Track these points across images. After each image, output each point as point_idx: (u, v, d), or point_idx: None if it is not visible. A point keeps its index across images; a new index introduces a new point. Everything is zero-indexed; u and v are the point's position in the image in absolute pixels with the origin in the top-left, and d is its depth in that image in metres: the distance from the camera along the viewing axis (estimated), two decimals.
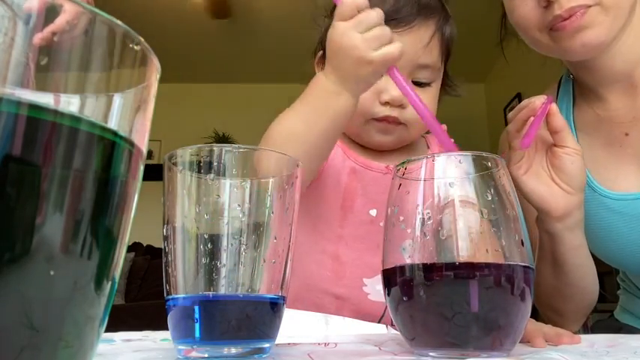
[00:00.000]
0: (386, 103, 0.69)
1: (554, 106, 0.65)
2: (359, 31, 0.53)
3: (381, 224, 0.66)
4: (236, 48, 4.09)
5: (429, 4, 0.70)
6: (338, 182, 0.72)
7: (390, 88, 0.68)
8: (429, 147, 0.81)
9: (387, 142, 0.73)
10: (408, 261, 0.39)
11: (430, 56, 0.70)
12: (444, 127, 0.55)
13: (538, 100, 0.65)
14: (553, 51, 0.73)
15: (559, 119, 0.65)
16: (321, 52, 0.78)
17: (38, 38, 0.16)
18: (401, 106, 0.69)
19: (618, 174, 0.77)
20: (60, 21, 0.16)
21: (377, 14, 0.54)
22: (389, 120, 0.70)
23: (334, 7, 0.73)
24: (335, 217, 0.72)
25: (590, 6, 0.66)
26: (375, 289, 0.71)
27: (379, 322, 0.70)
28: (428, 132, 0.80)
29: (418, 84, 0.70)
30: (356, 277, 0.71)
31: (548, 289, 0.73)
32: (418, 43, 0.69)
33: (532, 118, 0.64)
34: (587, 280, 0.72)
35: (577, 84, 0.85)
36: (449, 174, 0.40)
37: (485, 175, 0.40)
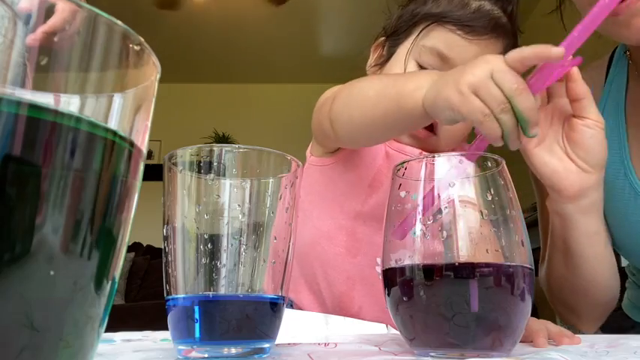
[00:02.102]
0: None
1: (575, 71, 0.55)
2: (491, 77, 0.46)
3: (406, 206, 0.66)
4: (235, 48, 4.09)
5: (504, 26, 0.71)
6: (373, 161, 0.72)
7: None
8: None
9: (415, 147, 0.72)
10: (408, 261, 0.39)
11: None
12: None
13: (555, 51, 0.49)
14: (608, 30, 0.63)
15: (581, 85, 0.56)
16: (383, 39, 0.78)
17: (31, 39, 0.16)
18: None
19: None
20: (53, 21, 0.16)
21: (524, 98, 0.45)
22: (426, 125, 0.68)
23: (412, 6, 0.73)
24: (360, 194, 0.71)
25: None
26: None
27: None
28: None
29: None
30: (370, 255, 0.70)
31: (559, 281, 0.67)
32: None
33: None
34: (603, 274, 0.64)
35: (633, 64, 0.73)
36: (449, 174, 0.40)
37: (485, 175, 0.40)
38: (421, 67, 0.70)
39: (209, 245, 0.39)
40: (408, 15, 0.74)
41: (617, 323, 0.85)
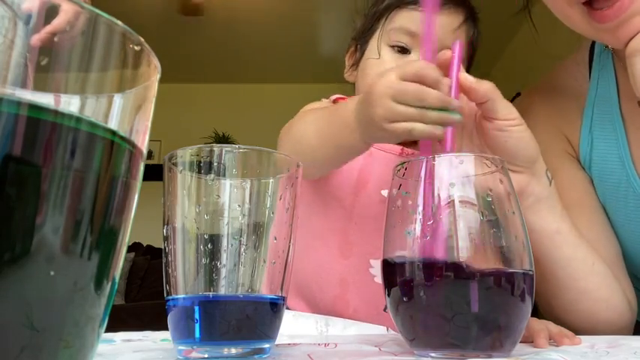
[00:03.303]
0: None
1: (463, 78, 0.50)
2: (394, 99, 0.48)
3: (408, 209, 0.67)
4: (236, 48, 4.09)
5: None
6: (354, 162, 0.71)
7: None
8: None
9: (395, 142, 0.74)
10: (408, 260, 0.39)
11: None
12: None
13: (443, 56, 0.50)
14: (589, 34, 0.59)
15: (477, 89, 0.50)
16: (352, 49, 0.81)
17: (36, 39, 0.16)
18: None
19: None
20: (57, 21, 0.16)
21: (434, 95, 0.48)
22: None
23: (373, 7, 0.77)
24: (347, 195, 0.72)
25: None
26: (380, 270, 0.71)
27: (385, 309, 0.69)
28: None
29: None
30: (363, 256, 0.71)
31: (542, 299, 0.61)
32: (448, 26, 0.72)
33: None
34: (586, 280, 0.58)
35: (619, 60, 0.68)
36: (449, 174, 0.40)
37: (485, 175, 0.40)
38: (393, 48, 0.73)
39: (209, 245, 0.39)
40: (371, 14, 0.78)
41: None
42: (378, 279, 0.69)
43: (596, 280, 0.59)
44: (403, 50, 0.73)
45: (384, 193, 0.70)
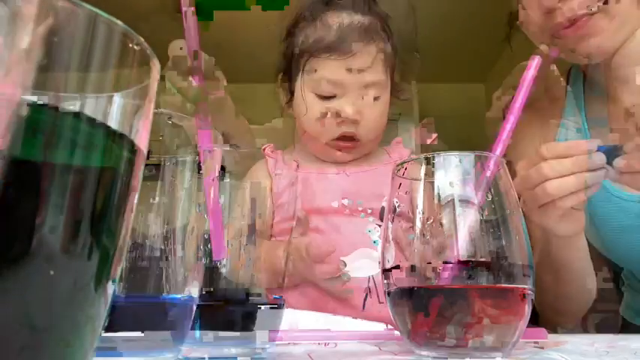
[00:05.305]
0: (341, 122, 0.77)
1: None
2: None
3: (346, 211, 0.76)
4: (235, 48, 4.09)
5: (368, 30, 0.77)
6: (290, 189, 0.78)
7: (345, 108, 0.75)
8: (389, 155, 0.87)
9: (348, 158, 0.81)
10: (407, 261, 0.39)
11: (375, 75, 0.78)
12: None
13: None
14: (561, 56, 0.72)
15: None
16: (280, 77, 0.88)
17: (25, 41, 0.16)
18: (355, 122, 0.77)
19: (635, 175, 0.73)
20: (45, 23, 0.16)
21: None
22: (346, 136, 0.78)
23: (287, 33, 0.83)
24: (303, 216, 0.77)
25: (593, 13, 0.64)
26: (352, 265, 0.74)
27: (364, 308, 0.74)
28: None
29: None
30: (333, 260, 0.74)
31: (550, 294, 0.71)
32: (362, 65, 0.76)
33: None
34: (588, 279, 0.72)
35: (587, 81, 0.81)
36: (449, 174, 0.40)
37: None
38: (320, 96, 0.77)
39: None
40: (288, 53, 0.83)
41: (613, 327, 0.88)
42: (352, 273, 0.73)
43: (592, 277, 0.72)
44: (329, 97, 0.77)
45: (335, 204, 0.77)
